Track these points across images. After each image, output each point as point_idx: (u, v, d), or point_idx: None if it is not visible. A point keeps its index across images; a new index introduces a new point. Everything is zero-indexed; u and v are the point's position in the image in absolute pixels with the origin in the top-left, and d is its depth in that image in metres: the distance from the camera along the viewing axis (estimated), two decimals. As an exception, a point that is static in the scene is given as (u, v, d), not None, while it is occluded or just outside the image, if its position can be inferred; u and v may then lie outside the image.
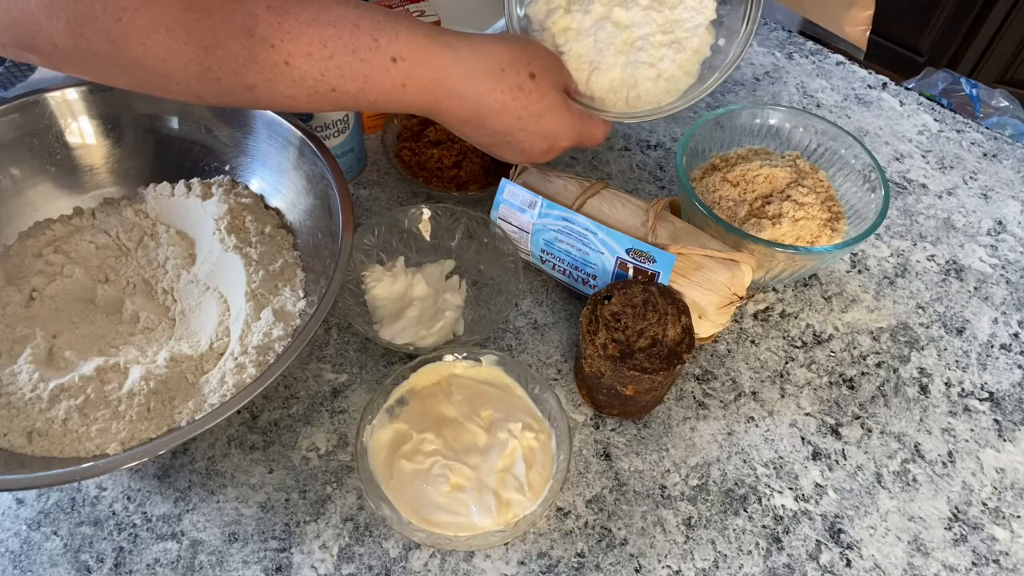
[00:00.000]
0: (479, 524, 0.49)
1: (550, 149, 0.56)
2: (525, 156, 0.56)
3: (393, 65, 0.46)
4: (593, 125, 0.57)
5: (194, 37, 0.40)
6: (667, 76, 0.57)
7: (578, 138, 0.56)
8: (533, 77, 0.51)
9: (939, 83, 1.74)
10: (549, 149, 0.56)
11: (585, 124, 0.56)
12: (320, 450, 0.56)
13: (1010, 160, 0.81)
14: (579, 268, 0.61)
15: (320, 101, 0.46)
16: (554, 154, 0.57)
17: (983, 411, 0.61)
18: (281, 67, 0.43)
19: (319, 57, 0.44)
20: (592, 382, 0.56)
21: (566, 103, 0.54)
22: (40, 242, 0.60)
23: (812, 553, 0.53)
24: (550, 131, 0.54)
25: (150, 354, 0.55)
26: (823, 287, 0.69)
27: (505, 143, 0.54)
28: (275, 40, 0.42)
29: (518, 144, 0.54)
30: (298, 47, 0.43)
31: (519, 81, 0.50)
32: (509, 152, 0.56)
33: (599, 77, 0.57)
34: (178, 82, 0.42)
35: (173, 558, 0.51)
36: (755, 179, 0.66)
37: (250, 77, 0.43)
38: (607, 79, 0.57)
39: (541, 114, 0.52)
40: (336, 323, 0.64)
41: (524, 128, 0.52)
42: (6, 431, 0.50)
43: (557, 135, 0.54)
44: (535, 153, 0.55)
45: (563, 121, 0.54)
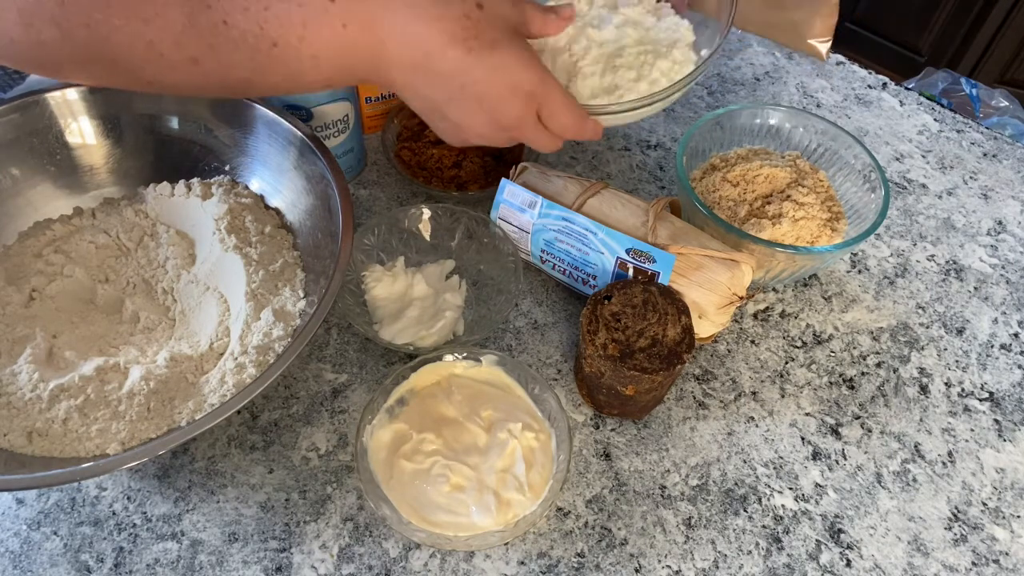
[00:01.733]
0: (479, 524, 0.49)
1: (512, 91, 0.47)
2: (480, 112, 0.48)
3: (331, 4, 0.43)
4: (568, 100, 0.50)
5: (134, 11, 0.39)
6: (650, 79, 0.56)
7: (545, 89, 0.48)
8: (481, 7, 0.45)
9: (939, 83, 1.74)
10: (511, 90, 0.47)
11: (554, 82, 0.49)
12: (320, 450, 0.56)
13: (1010, 160, 0.81)
14: (579, 268, 0.61)
15: (263, 64, 0.43)
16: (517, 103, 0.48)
17: (983, 411, 0.61)
18: (220, 28, 0.41)
19: (255, 10, 0.41)
20: (592, 382, 0.56)
21: (523, 41, 0.48)
22: (40, 242, 0.60)
23: (812, 553, 0.53)
24: (507, 64, 0.46)
25: (150, 354, 0.55)
26: (823, 287, 0.69)
27: (457, 91, 0.47)
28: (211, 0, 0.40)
29: (474, 86, 0.47)
30: (234, 2, 0.41)
31: (466, 9, 0.45)
32: (460, 110, 0.48)
33: (579, 85, 0.55)
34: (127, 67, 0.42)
35: (173, 558, 0.51)
36: (755, 179, 0.66)
37: (191, 47, 0.41)
38: (587, 87, 0.55)
39: (494, 43, 0.46)
40: (336, 323, 0.64)
41: (477, 62, 0.45)
42: (6, 431, 0.50)
43: (516, 71, 0.47)
44: (495, 97, 0.47)
45: (520, 57, 0.47)
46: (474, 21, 0.45)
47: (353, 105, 0.68)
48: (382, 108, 0.76)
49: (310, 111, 0.65)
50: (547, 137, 0.52)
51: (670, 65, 0.56)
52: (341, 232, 0.54)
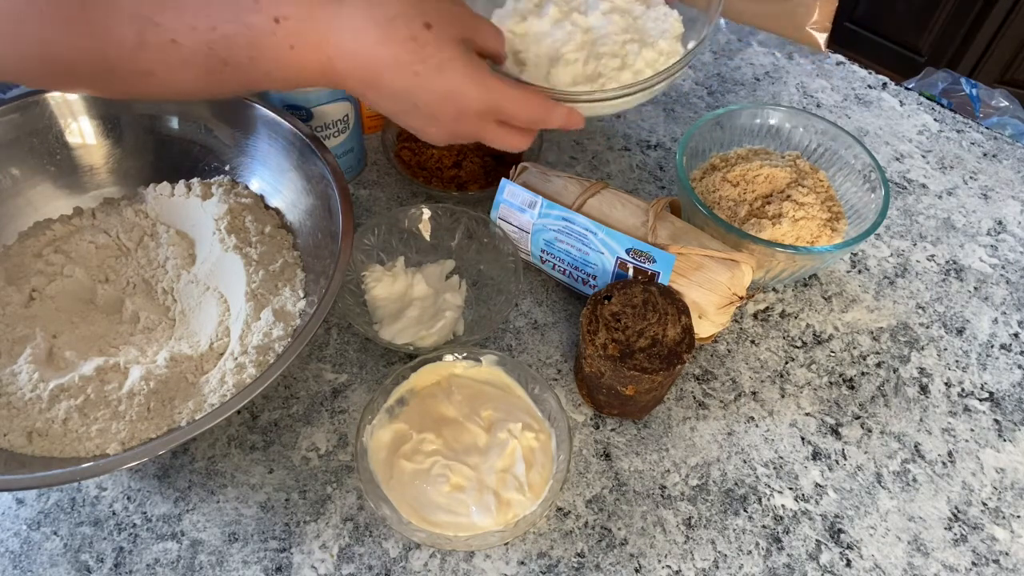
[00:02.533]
0: (479, 524, 0.49)
1: (460, 113, 0.47)
2: (437, 125, 0.49)
3: (277, 26, 0.42)
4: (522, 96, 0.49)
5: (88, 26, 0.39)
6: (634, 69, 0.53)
7: (490, 102, 0.47)
8: (429, 27, 0.44)
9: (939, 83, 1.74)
10: (459, 113, 0.47)
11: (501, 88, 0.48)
12: (320, 450, 0.56)
13: (1010, 160, 0.81)
14: (579, 268, 0.61)
15: (219, 81, 0.44)
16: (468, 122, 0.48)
17: (983, 411, 0.61)
18: (169, 47, 0.41)
19: (203, 29, 0.41)
20: (592, 382, 0.56)
21: (471, 57, 0.47)
22: (40, 242, 0.60)
23: (812, 553, 0.53)
24: (454, 88, 0.46)
25: (150, 354, 0.55)
26: (823, 287, 0.69)
27: (411, 107, 0.47)
28: (158, 17, 0.41)
29: (425, 107, 0.47)
30: (181, 21, 0.41)
31: (412, 31, 0.44)
32: (420, 120, 0.49)
33: (560, 71, 0.53)
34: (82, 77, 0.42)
35: (173, 558, 0.51)
36: (755, 179, 0.66)
37: (144, 62, 0.41)
38: (568, 74, 0.53)
39: (441, 67, 0.45)
40: (336, 323, 0.64)
41: (424, 86, 0.45)
42: (6, 431, 0.50)
43: (463, 94, 0.46)
44: (444, 118, 0.48)
45: (468, 77, 0.46)
46: (421, 43, 0.44)
47: (353, 105, 0.68)
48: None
49: (310, 111, 0.65)
50: (515, 135, 0.51)
51: (656, 56, 0.54)
52: (341, 232, 0.54)
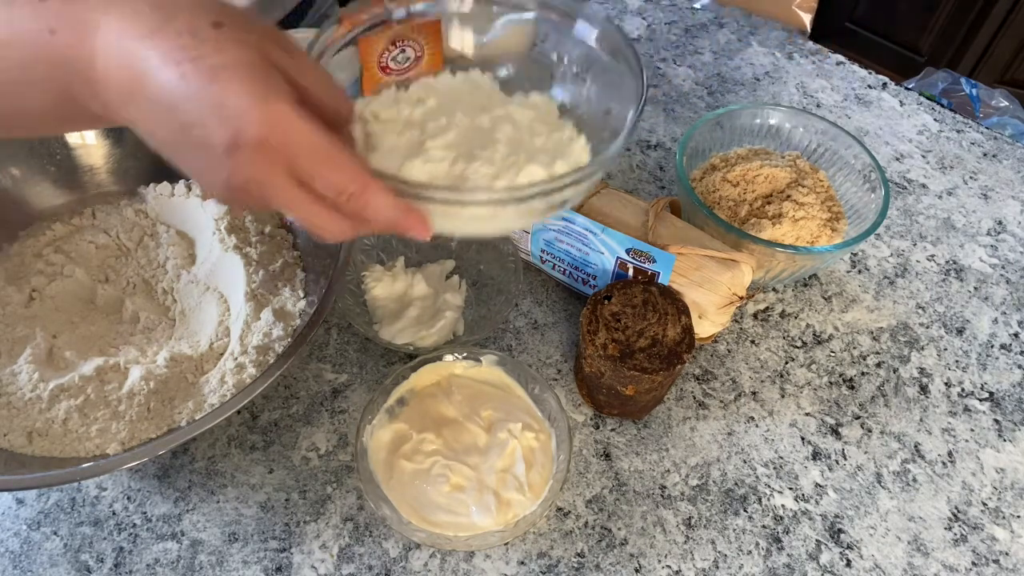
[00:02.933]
0: (479, 524, 0.49)
1: (234, 141, 0.33)
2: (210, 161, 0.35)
3: (41, 5, 0.34)
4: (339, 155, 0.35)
5: None
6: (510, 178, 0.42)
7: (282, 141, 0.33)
8: (218, 26, 0.34)
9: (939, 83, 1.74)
10: (233, 141, 0.33)
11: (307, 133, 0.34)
12: (320, 450, 0.56)
13: (1010, 160, 0.81)
14: (579, 268, 0.61)
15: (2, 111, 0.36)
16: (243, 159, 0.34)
17: (983, 411, 0.61)
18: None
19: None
20: (592, 382, 0.56)
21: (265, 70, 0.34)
22: (40, 242, 0.60)
23: (812, 553, 0.53)
24: (227, 102, 0.32)
25: (150, 354, 0.55)
26: (823, 287, 0.69)
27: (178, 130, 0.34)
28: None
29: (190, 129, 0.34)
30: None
31: (194, 27, 0.33)
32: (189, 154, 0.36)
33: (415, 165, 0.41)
34: None
35: (173, 558, 0.51)
36: (755, 179, 0.66)
37: None
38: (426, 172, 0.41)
39: (215, 73, 0.32)
40: (336, 323, 0.64)
41: (189, 94, 0.33)
42: (6, 431, 0.50)
43: (238, 113, 0.32)
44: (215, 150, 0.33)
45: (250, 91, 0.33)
46: (199, 40, 0.33)
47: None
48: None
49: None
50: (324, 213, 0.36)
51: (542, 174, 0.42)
52: (341, 232, 0.54)
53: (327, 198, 0.35)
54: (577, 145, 0.45)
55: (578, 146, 0.45)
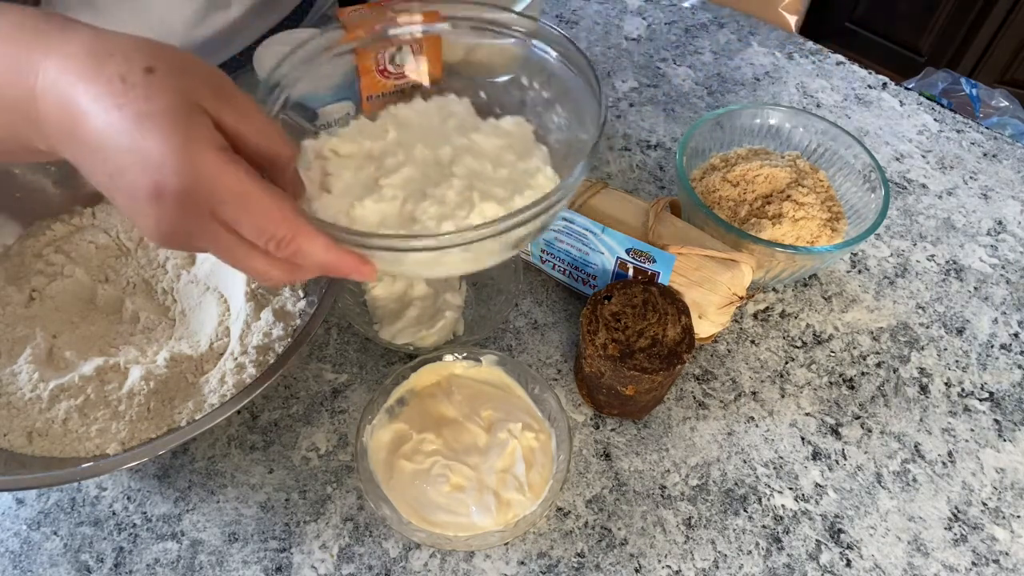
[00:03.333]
0: (479, 524, 0.49)
1: (156, 190, 0.33)
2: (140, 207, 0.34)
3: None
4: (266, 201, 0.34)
5: None
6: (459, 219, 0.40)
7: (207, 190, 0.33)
8: (150, 71, 0.33)
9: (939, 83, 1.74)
10: (155, 190, 0.33)
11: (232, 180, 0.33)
12: (320, 450, 0.56)
13: (1010, 160, 0.81)
14: (579, 268, 0.61)
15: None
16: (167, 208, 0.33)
17: (983, 411, 0.61)
18: None
19: None
20: (592, 382, 0.56)
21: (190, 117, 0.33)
22: (40, 242, 0.60)
23: (812, 553, 0.53)
24: (149, 150, 0.32)
25: (150, 354, 0.55)
26: (823, 287, 0.69)
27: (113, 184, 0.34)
28: None
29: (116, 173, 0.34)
30: None
31: (125, 71, 0.33)
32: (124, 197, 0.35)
33: (366, 206, 0.40)
34: None
35: (173, 558, 0.51)
36: (755, 179, 0.66)
37: None
38: (377, 212, 0.40)
39: (141, 119, 0.32)
40: (336, 323, 0.64)
41: (115, 139, 0.33)
42: (6, 431, 0.50)
43: (159, 162, 0.32)
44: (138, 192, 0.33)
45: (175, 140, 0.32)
46: (129, 86, 0.33)
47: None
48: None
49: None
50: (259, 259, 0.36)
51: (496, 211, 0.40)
52: (341, 232, 0.54)
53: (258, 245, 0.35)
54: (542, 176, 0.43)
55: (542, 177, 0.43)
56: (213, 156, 0.33)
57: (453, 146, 0.43)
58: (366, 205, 0.40)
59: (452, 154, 0.43)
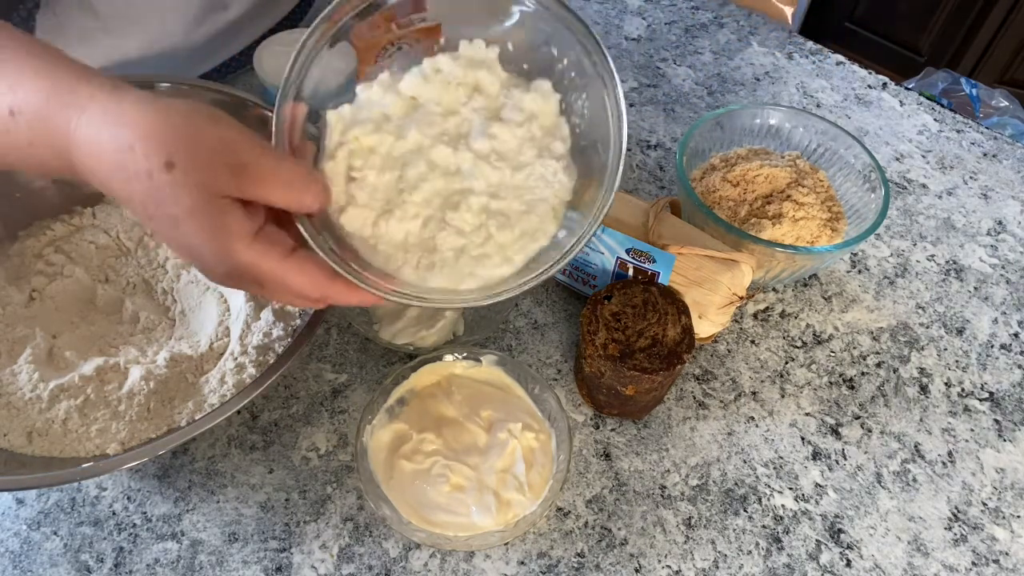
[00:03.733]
0: (479, 524, 0.49)
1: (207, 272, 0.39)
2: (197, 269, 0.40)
3: (12, 119, 0.37)
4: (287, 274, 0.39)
5: None
6: (476, 254, 0.42)
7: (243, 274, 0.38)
8: (170, 168, 0.35)
9: (939, 83, 1.74)
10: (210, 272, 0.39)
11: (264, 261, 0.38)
12: (320, 450, 0.56)
13: (1010, 160, 0.81)
14: (579, 268, 0.61)
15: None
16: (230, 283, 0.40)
17: (983, 411, 0.61)
18: None
19: None
20: (592, 382, 0.56)
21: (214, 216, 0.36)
22: (40, 242, 0.60)
23: (812, 553, 0.53)
24: (192, 247, 0.37)
25: (150, 354, 0.55)
26: (823, 287, 0.69)
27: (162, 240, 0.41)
28: None
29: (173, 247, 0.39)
30: None
31: (148, 168, 0.35)
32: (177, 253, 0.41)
33: (392, 225, 0.42)
34: None
35: (173, 558, 0.51)
36: (755, 179, 0.66)
37: None
38: (401, 231, 0.42)
39: (176, 221, 0.36)
40: (336, 323, 0.64)
41: (163, 233, 0.38)
42: (6, 431, 0.50)
43: (202, 257, 0.38)
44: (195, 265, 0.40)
45: (206, 242, 0.36)
46: (156, 185, 0.36)
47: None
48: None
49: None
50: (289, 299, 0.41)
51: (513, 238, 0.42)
52: (341, 232, 0.54)
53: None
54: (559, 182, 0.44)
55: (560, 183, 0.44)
56: (245, 248, 0.37)
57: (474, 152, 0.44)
58: (391, 224, 0.42)
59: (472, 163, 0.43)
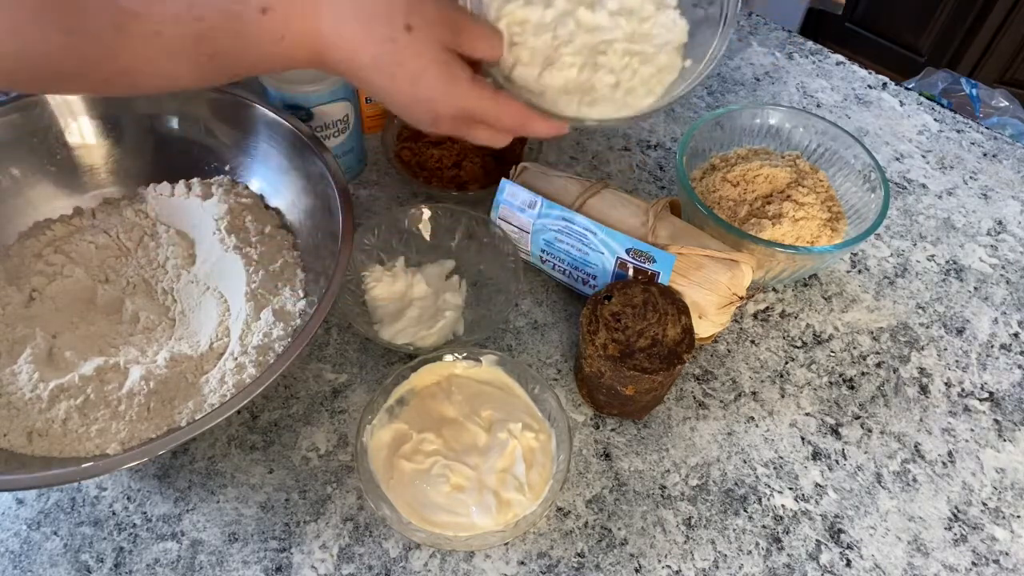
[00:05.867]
0: (479, 524, 0.49)
1: (435, 119, 0.47)
2: (414, 123, 0.49)
3: (264, 17, 0.41)
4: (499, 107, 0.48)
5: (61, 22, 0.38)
6: (626, 87, 0.52)
7: (464, 111, 0.47)
8: (409, 30, 0.43)
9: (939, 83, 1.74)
10: (434, 119, 0.47)
11: (477, 99, 0.47)
12: (320, 450, 0.56)
13: (1010, 160, 0.81)
14: (579, 268, 0.61)
15: (206, 72, 0.43)
16: (444, 126, 0.48)
17: (983, 411, 0.61)
18: (152, 40, 0.39)
19: (188, 19, 0.40)
20: (592, 382, 0.56)
21: (450, 65, 0.45)
22: (40, 242, 0.60)
23: (812, 553, 0.53)
24: (428, 96, 0.46)
25: (150, 354, 0.55)
26: (823, 287, 0.69)
27: (389, 103, 0.48)
28: (140, 8, 0.39)
29: (401, 107, 0.47)
30: (164, 11, 0.39)
31: (391, 33, 0.43)
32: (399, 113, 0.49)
33: (553, 75, 0.51)
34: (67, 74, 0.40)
35: (173, 558, 0.51)
36: (755, 179, 0.66)
37: (125, 58, 0.40)
38: (562, 78, 0.52)
39: (416, 75, 0.44)
40: (336, 323, 0.64)
41: (400, 90, 0.45)
42: (6, 431, 0.50)
43: (436, 101, 0.46)
44: (420, 121, 0.48)
45: (444, 85, 0.45)
46: (400, 46, 0.43)
47: (353, 105, 0.68)
48: (382, 108, 0.76)
49: (310, 111, 0.65)
50: (494, 135, 0.51)
51: (653, 72, 0.52)
52: (341, 232, 0.54)
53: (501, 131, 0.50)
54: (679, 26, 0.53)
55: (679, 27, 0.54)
56: (469, 89, 0.46)
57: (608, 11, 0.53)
58: (553, 74, 0.51)
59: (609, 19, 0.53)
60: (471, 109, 0.47)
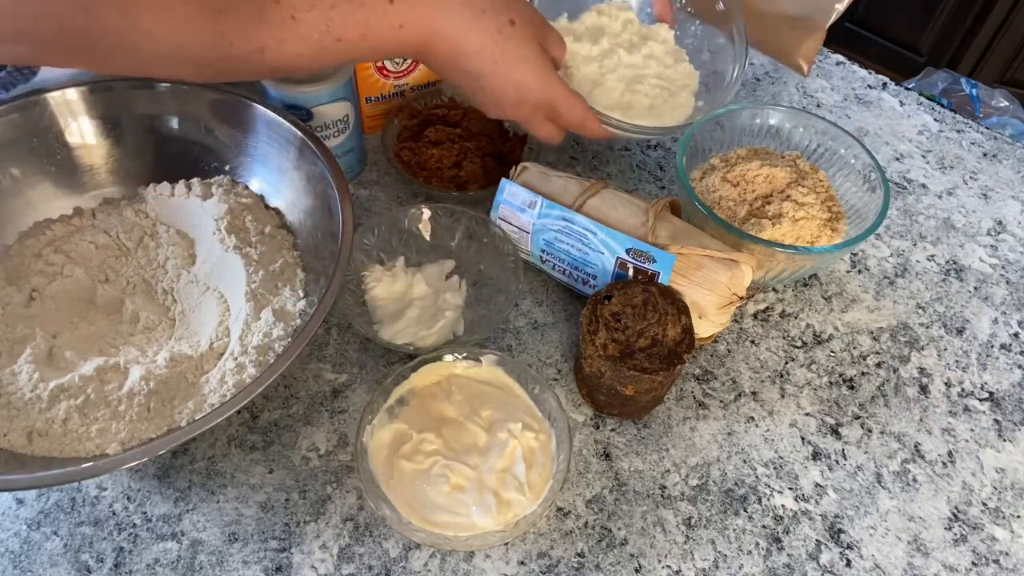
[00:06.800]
0: (479, 524, 0.49)
1: (520, 102, 0.56)
2: (496, 106, 0.57)
3: (391, 6, 0.47)
4: (574, 100, 0.58)
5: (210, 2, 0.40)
6: (657, 112, 0.66)
7: (548, 98, 0.56)
8: (513, 23, 0.52)
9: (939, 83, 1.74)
10: (520, 102, 0.56)
11: (561, 89, 0.56)
12: (320, 450, 0.56)
13: (1010, 160, 0.81)
14: (579, 268, 0.61)
15: (326, 55, 0.47)
16: (525, 109, 0.57)
17: (983, 411, 0.61)
18: (288, 23, 0.44)
19: (322, 7, 0.44)
20: (592, 382, 0.56)
21: (543, 57, 0.55)
22: (40, 242, 0.60)
23: (812, 553, 0.53)
24: (523, 81, 0.54)
25: (150, 354, 0.55)
26: (823, 287, 0.69)
27: (479, 88, 0.54)
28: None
29: (492, 90, 0.54)
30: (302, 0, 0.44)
31: (499, 24, 0.51)
32: (482, 97, 0.56)
33: (601, 94, 0.65)
34: (190, 53, 0.42)
35: (173, 558, 0.51)
36: (755, 179, 0.66)
37: (260, 38, 0.43)
38: (608, 98, 0.65)
39: (515, 62, 0.53)
40: (336, 323, 0.64)
41: (498, 73, 0.53)
42: (6, 431, 0.50)
43: (528, 87, 0.55)
44: (506, 103, 0.56)
45: (537, 73, 0.54)
46: (505, 36, 0.52)
47: (353, 105, 0.68)
48: (382, 108, 0.76)
49: (310, 111, 0.65)
50: (554, 130, 0.60)
51: (675, 106, 0.67)
52: (341, 232, 0.54)
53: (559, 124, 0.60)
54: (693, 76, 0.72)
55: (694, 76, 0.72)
56: (557, 80, 0.56)
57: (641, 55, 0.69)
58: (600, 93, 0.66)
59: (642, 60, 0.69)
60: (554, 98, 0.56)
